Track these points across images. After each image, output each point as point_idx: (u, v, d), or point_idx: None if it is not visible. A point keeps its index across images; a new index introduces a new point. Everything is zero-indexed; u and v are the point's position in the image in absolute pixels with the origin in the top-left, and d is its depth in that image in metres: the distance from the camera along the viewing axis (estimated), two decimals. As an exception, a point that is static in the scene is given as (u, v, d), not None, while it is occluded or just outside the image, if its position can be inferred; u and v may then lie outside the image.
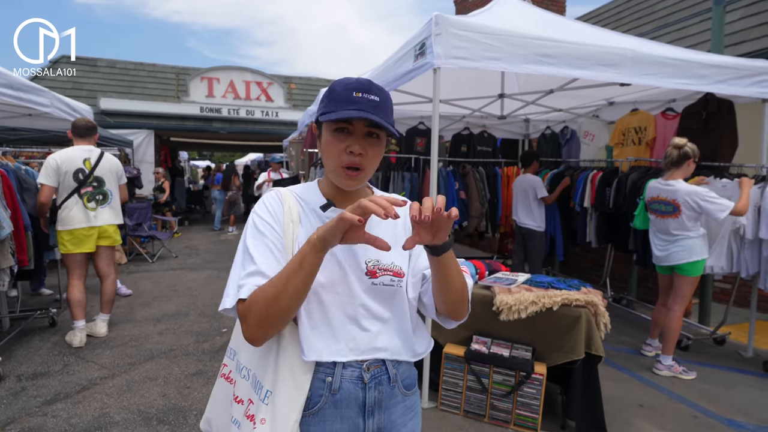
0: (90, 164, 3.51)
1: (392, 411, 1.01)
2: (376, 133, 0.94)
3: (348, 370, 0.94)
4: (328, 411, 0.93)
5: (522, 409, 2.46)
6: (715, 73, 3.27)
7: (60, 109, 5.14)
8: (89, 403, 2.70)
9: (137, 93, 10.30)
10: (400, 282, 1.00)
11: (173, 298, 4.91)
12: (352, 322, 0.95)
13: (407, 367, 1.06)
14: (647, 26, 6.60)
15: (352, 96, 0.90)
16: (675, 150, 3.20)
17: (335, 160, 0.94)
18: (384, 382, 0.98)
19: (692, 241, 3.12)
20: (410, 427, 1.05)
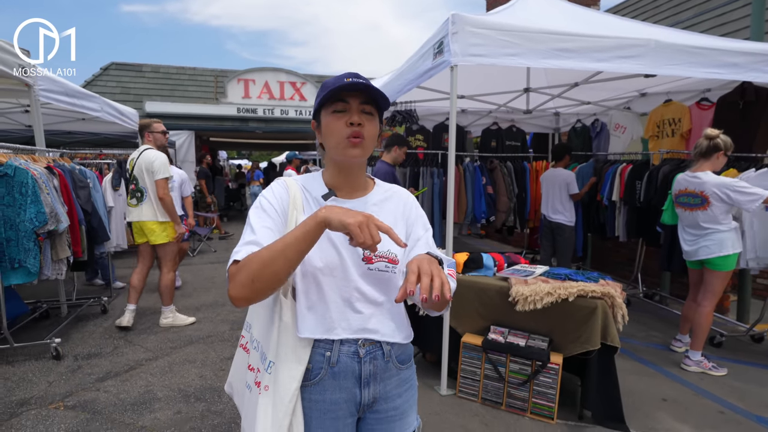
0: (132, 164, 3.80)
1: (387, 383, 1.10)
2: (369, 110, 1.04)
3: (345, 346, 1.04)
4: (327, 382, 1.03)
5: (538, 398, 2.51)
6: (748, 61, 3.15)
7: (109, 113, 5.55)
8: (135, 381, 2.97)
9: (179, 96, 10.85)
10: (395, 268, 1.07)
11: (211, 289, 5.21)
12: (347, 305, 1.04)
13: (401, 344, 1.13)
14: (685, 14, 6.34)
15: (343, 81, 1.00)
16: (705, 141, 3.11)
17: (337, 136, 1.03)
18: (378, 357, 1.07)
19: (723, 234, 3.03)
20: (405, 398, 1.14)
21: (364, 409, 1.09)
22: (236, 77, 11.00)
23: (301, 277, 1.04)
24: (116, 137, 7.28)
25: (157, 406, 2.64)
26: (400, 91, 3.63)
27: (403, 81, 3.61)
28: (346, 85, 0.99)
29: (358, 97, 1.02)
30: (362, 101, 1.03)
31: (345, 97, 1.02)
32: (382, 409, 1.10)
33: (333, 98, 1.03)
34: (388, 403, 1.11)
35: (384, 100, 1.05)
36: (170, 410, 2.60)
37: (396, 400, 1.12)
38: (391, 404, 1.11)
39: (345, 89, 1.00)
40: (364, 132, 1.02)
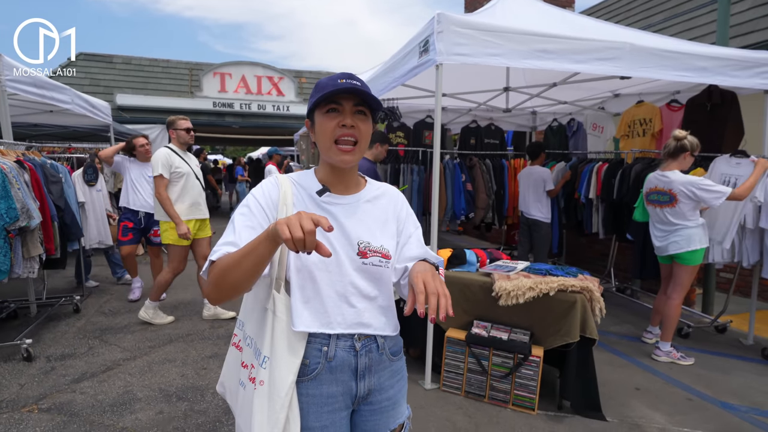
0: None
1: (381, 374, 1.13)
2: (363, 110, 1.05)
3: (342, 340, 1.06)
4: (324, 376, 1.05)
5: (520, 390, 2.58)
6: (715, 65, 3.31)
7: (80, 105, 5.35)
8: (114, 381, 2.89)
9: (152, 89, 10.53)
10: (388, 263, 1.10)
11: (189, 287, 5.11)
12: (342, 299, 1.06)
13: (393, 337, 1.17)
14: (656, 17, 6.58)
15: (337, 82, 1.01)
16: (674, 141, 3.26)
17: (329, 137, 1.03)
18: (373, 350, 1.10)
19: (691, 230, 3.18)
20: (397, 388, 1.18)
21: (359, 401, 1.11)
22: (212, 71, 10.76)
23: (295, 271, 1.04)
24: (86, 130, 7.03)
25: (138, 407, 2.59)
26: (385, 89, 3.64)
27: (387, 78, 3.62)
28: (341, 89, 0.99)
29: (351, 99, 1.03)
30: (356, 102, 1.04)
31: (338, 99, 1.03)
32: (375, 400, 1.13)
33: (327, 100, 1.03)
34: (382, 393, 1.13)
35: (377, 103, 1.06)
36: (152, 410, 2.55)
37: (389, 391, 1.15)
38: (384, 395, 1.14)
39: (339, 93, 1.01)
40: (356, 134, 1.04)
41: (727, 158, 3.54)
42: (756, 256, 3.50)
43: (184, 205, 3.72)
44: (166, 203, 3.61)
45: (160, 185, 3.61)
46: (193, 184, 3.80)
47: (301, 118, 10.89)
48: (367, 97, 1.03)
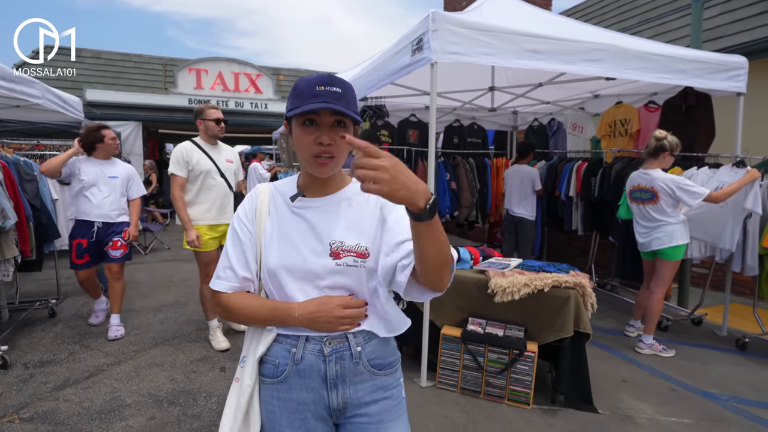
0: None
1: (358, 388, 1.05)
2: (342, 121, 0.98)
3: (311, 343, 1.04)
4: (293, 380, 1.04)
5: (515, 385, 2.62)
6: (693, 68, 3.45)
7: (51, 101, 5.11)
8: (99, 388, 2.78)
9: (123, 84, 10.18)
10: (363, 262, 1.02)
11: (171, 288, 4.97)
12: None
13: (377, 347, 1.08)
14: (630, 21, 6.80)
15: (315, 90, 0.94)
16: (654, 141, 3.38)
17: (306, 152, 0.99)
18: (346, 358, 1.04)
19: (672, 227, 3.31)
20: (381, 406, 1.07)
21: (336, 414, 1.06)
22: (187, 66, 10.48)
23: (267, 278, 1.07)
24: (56, 127, 6.71)
25: (128, 413, 2.50)
26: (374, 86, 3.63)
27: (376, 76, 3.61)
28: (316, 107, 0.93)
29: (329, 111, 0.96)
30: (334, 113, 0.97)
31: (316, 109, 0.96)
32: (354, 415, 1.07)
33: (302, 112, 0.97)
34: (362, 409, 1.06)
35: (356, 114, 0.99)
36: (142, 417, 2.47)
37: (371, 407, 1.07)
38: (365, 410, 1.06)
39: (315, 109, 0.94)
40: (333, 150, 0.98)
41: (729, 168, 3.63)
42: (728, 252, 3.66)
43: (202, 207, 3.30)
44: (178, 204, 3.22)
45: (174, 185, 3.24)
46: (214, 184, 3.33)
47: (280, 116, 10.73)
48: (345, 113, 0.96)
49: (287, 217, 1.08)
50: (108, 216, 3.51)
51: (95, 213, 3.47)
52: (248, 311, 1.05)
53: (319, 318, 1.00)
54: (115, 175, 3.58)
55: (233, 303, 1.06)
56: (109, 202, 3.52)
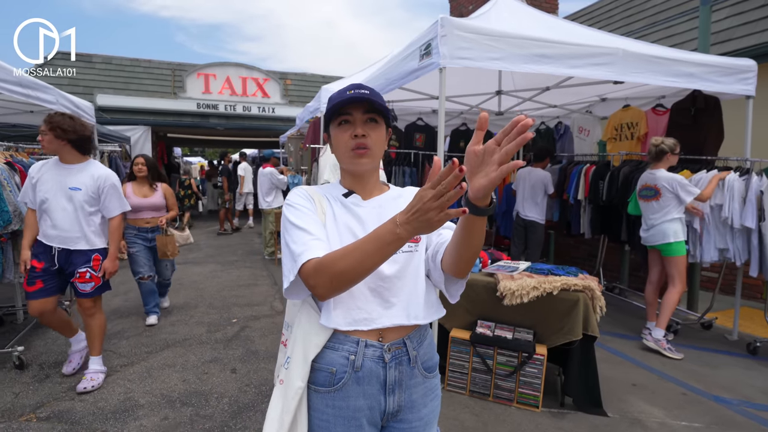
0: None
1: (413, 391, 1.09)
2: (374, 118, 1.08)
3: (370, 349, 1.04)
4: (351, 388, 1.03)
5: (524, 388, 2.63)
6: (701, 71, 3.46)
7: (65, 105, 5.20)
8: (113, 388, 2.83)
9: (133, 89, 10.30)
10: (417, 246, 1.10)
11: (180, 291, 5.02)
12: (374, 294, 1.05)
13: (428, 350, 1.14)
14: (637, 24, 6.79)
15: (346, 94, 1.05)
16: (653, 148, 3.62)
17: (344, 147, 1.08)
18: (404, 363, 1.07)
19: (671, 224, 3.47)
20: (430, 408, 1.13)
21: (387, 417, 1.08)
22: (196, 71, 10.60)
23: None
24: (68, 131, 6.83)
25: (141, 413, 2.54)
26: (382, 91, 3.66)
27: (384, 81, 3.65)
28: (346, 99, 1.03)
29: (361, 108, 1.06)
30: (365, 111, 1.06)
31: (349, 110, 1.06)
32: (407, 418, 1.09)
33: (337, 112, 1.07)
34: (414, 413, 1.10)
35: (386, 109, 1.08)
36: (156, 417, 2.50)
37: (422, 410, 1.11)
38: (416, 414, 1.10)
39: (346, 104, 1.04)
40: (369, 142, 1.06)
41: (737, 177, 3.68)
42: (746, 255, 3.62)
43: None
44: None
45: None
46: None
47: (287, 120, 10.81)
48: (375, 104, 1.05)
49: (343, 213, 1.10)
50: (66, 241, 2.69)
51: (52, 234, 2.68)
52: (354, 255, 0.89)
53: (420, 210, 0.80)
54: (77, 186, 2.67)
55: (330, 258, 0.92)
56: (68, 223, 2.67)
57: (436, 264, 1.08)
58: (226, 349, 3.45)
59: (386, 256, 0.89)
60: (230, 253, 7.37)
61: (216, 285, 5.31)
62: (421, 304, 1.08)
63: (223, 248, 7.79)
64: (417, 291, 1.08)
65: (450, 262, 1.01)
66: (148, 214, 3.87)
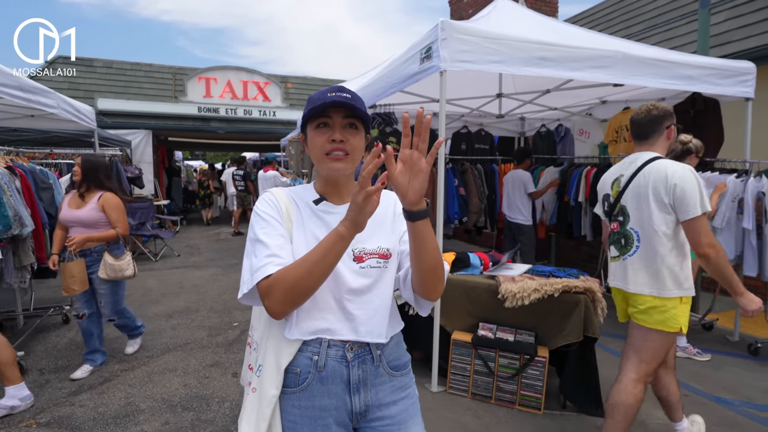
0: (619, 186, 2.14)
1: (379, 389, 1.09)
2: (354, 123, 1.04)
3: (333, 349, 1.04)
4: (315, 387, 1.04)
5: (526, 390, 2.63)
6: (701, 74, 3.47)
7: (65, 110, 5.22)
8: (113, 393, 2.82)
9: (134, 93, 10.33)
10: (386, 263, 1.08)
11: (181, 294, 5.02)
12: (338, 306, 1.05)
13: (394, 350, 1.13)
14: (636, 27, 6.81)
15: (326, 96, 1.01)
16: (680, 145, 3.41)
17: (320, 151, 1.04)
18: (368, 362, 1.07)
19: None
20: (402, 406, 1.12)
21: (357, 418, 1.08)
22: (197, 75, 10.62)
23: None
24: (68, 135, 6.84)
25: (142, 418, 2.53)
26: (383, 94, 3.67)
27: (385, 84, 3.66)
28: (328, 102, 1.00)
29: (341, 112, 1.03)
30: (345, 115, 1.03)
31: (328, 112, 1.03)
32: (377, 417, 1.09)
33: (317, 114, 1.03)
34: (383, 410, 1.09)
35: (367, 116, 1.06)
36: (157, 421, 2.50)
37: (391, 408, 1.10)
38: (386, 412, 1.10)
39: (327, 107, 1.01)
40: (346, 147, 1.03)
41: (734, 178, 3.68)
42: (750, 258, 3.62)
43: None
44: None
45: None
46: None
47: (288, 124, 10.84)
48: (356, 110, 1.02)
49: (312, 220, 1.08)
50: None
51: None
52: (303, 265, 0.93)
53: (355, 208, 0.89)
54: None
55: (281, 273, 0.94)
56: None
57: (407, 285, 1.11)
58: (227, 353, 3.45)
59: (334, 259, 0.93)
60: (231, 256, 7.37)
61: (217, 288, 5.30)
62: (386, 321, 1.09)
63: (224, 252, 7.80)
64: (383, 307, 1.09)
65: (415, 283, 1.05)
66: (78, 231, 2.95)
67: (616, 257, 2.15)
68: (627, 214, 2.08)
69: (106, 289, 3.01)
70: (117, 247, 3.05)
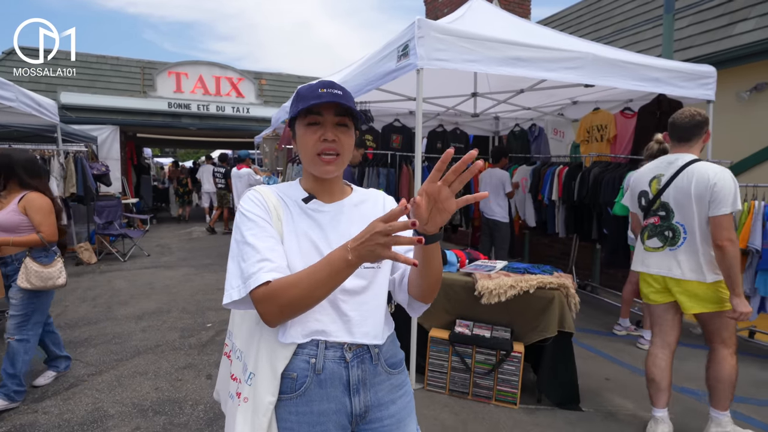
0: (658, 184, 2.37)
1: (378, 389, 1.07)
2: (345, 122, 1.02)
3: (330, 350, 1.01)
4: (314, 391, 1.00)
5: (502, 386, 2.67)
6: (666, 77, 3.60)
7: (25, 103, 4.99)
8: (80, 398, 2.71)
9: (100, 87, 9.94)
10: (380, 264, 1.07)
11: (152, 295, 4.87)
12: (333, 307, 1.02)
13: (390, 347, 1.11)
14: (605, 30, 7.01)
15: (317, 92, 0.99)
16: (656, 144, 3.54)
17: (311, 150, 1.01)
18: (366, 361, 1.05)
19: None
20: (400, 405, 1.10)
21: (356, 420, 1.05)
22: (167, 70, 10.32)
23: None
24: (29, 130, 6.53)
25: (111, 424, 2.44)
26: (359, 92, 3.65)
27: (361, 81, 3.63)
28: (322, 102, 0.97)
29: (332, 109, 1.00)
30: (337, 113, 1.01)
31: (320, 109, 1.00)
32: (375, 417, 1.07)
33: (307, 110, 1.00)
34: (382, 410, 1.07)
35: (358, 114, 1.04)
36: (127, 427, 2.41)
37: (390, 407, 1.09)
38: (385, 412, 1.08)
39: (320, 105, 0.99)
40: (338, 147, 1.02)
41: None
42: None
43: None
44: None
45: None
46: None
47: (262, 121, 10.66)
48: (348, 108, 1.00)
49: (302, 219, 1.05)
50: None
51: None
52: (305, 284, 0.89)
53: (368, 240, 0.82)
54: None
55: (280, 286, 0.90)
56: None
57: (402, 288, 1.11)
58: (200, 354, 3.36)
59: (337, 282, 0.90)
60: (204, 256, 7.20)
61: (189, 289, 5.17)
62: (381, 323, 1.09)
63: (197, 251, 7.61)
64: (378, 308, 1.08)
65: (415, 289, 1.06)
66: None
67: (659, 248, 2.36)
68: (670, 210, 2.31)
69: (19, 300, 2.60)
70: (44, 255, 2.66)
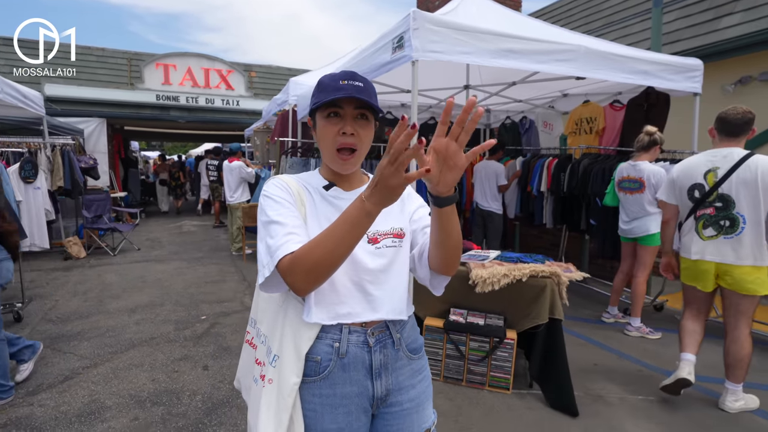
0: (715, 177, 2.52)
1: (399, 373, 1.09)
2: (365, 114, 1.03)
3: (354, 335, 1.04)
4: (337, 375, 1.02)
5: (496, 372, 2.73)
6: (654, 69, 3.66)
7: (10, 95, 4.89)
8: (76, 391, 2.71)
9: (86, 79, 9.75)
10: (401, 242, 1.09)
11: (144, 289, 4.85)
12: (357, 288, 1.04)
13: (411, 332, 1.14)
14: (595, 24, 7.09)
15: (338, 84, 1.00)
16: (647, 136, 3.65)
17: (330, 144, 1.03)
18: (389, 346, 1.08)
19: (652, 216, 3.61)
20: (419, 389, 1.13)
21: (377, 404, 1.08)
22: (154, 61, 10.16)
23: None
24: (14, 123, 6.41)
25: (109, 415, 2.45)
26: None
27: (356, 73, 3.64)
28: (342, 96, 0.98)
29: (353, 102, 1.01)
30: (357, 106, 1.02)
31: (340, 102, 1.01)
32: (396, 401, 1.09)
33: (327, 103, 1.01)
34: (402, 394, 1.10)
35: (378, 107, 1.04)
36: (125, 418, 2.43)
37: (410, 391, 1.11)
38: (405, 396, 1.10)
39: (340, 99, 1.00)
40: (356, 142, 1.02)
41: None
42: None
43: None
44: None
45: None
46: None
47: (252, 113, 10.57)
48: (368, 103, 1.00)
49: (324, 206, 1.07)
50: None
51: None
52: (326, 241, 0.89)
53: (378, 181, 0.82)
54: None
55: (303, 250, 0.91)
56: None
57: (423, 262, 1.11)
58: (196, 346, 3.37)
59: (359, 236, 0.89)
60: (195, 249, 7.16)
61: (182, 282, 5.15)
62: (404, 300, 1.11)
63: (188, 245, 7.56)
64: (400, 286, 1.10)
65: (435, 260, 1.04)
66: None
67: (713, 236, 2.54)
68: (731, 201, 2.46)
69: None
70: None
